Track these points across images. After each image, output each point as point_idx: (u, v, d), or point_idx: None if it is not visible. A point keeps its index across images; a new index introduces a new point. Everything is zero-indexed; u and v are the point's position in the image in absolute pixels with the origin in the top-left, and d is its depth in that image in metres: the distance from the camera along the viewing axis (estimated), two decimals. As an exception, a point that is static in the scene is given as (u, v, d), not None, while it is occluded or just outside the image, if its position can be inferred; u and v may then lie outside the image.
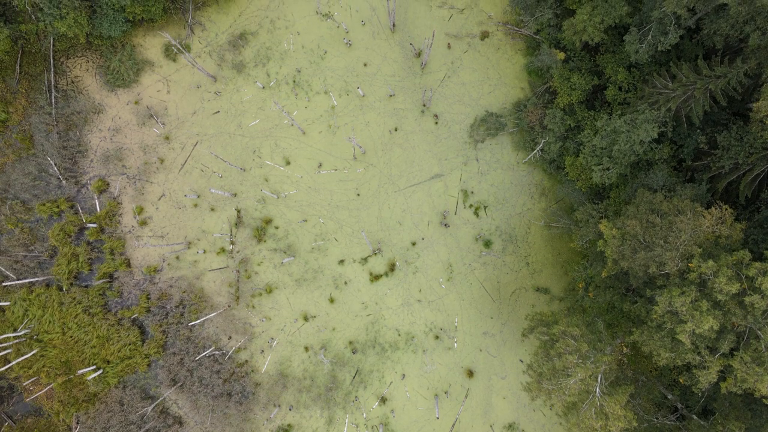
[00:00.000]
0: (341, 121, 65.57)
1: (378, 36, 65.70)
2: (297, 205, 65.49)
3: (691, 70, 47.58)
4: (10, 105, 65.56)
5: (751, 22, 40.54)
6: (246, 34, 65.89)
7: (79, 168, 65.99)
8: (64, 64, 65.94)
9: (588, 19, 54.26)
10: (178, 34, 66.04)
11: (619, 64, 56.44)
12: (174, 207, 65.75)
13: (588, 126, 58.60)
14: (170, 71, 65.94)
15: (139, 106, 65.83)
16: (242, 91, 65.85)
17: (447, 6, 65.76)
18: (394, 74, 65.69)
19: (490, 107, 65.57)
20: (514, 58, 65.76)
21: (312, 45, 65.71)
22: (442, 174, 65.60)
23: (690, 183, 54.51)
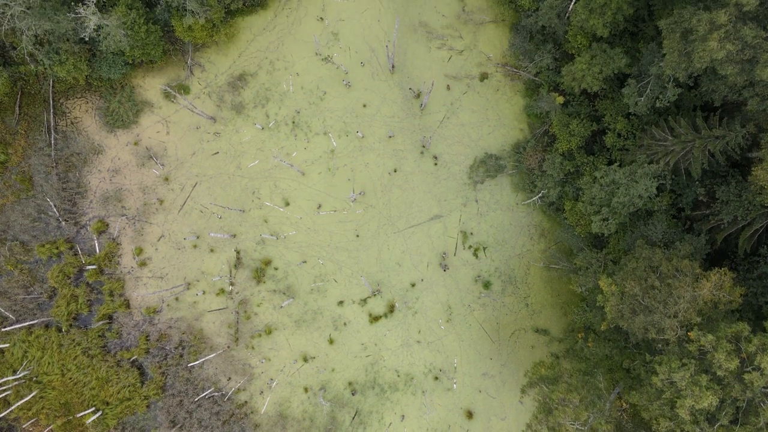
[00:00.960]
0: (340, 162, 65.61)
1: (377, 77, 65.74)
2: (296, 246, 65.50)
3: (689, 126, 47.63)
4: (9, 146, 65.57)
5: (749, 88, 40.56)
6: (245, 75, 65.92)
7: (79, 209, 65.98)
8: (64, 104, 65.95)
9: (587, 68, 54.38)
10: (178, 75, 66.08)
11: (618, 112, 56.51)
12: (173, 248, 65.75)
13: (587, 172, 58.65)
14: (169, 112, 65.95)
15: (139, 147, 65.85)
16: (241, 132, 65.87)
17: (446, 47, 65.80)
18: (394, 115, 65.73)
19: (489, 148, 65.62)
20: (514, 99, 65.81)
21: (311, 86, 65.74)
22: (441, 215, 65.64)
23: (689, 233, 54.61)
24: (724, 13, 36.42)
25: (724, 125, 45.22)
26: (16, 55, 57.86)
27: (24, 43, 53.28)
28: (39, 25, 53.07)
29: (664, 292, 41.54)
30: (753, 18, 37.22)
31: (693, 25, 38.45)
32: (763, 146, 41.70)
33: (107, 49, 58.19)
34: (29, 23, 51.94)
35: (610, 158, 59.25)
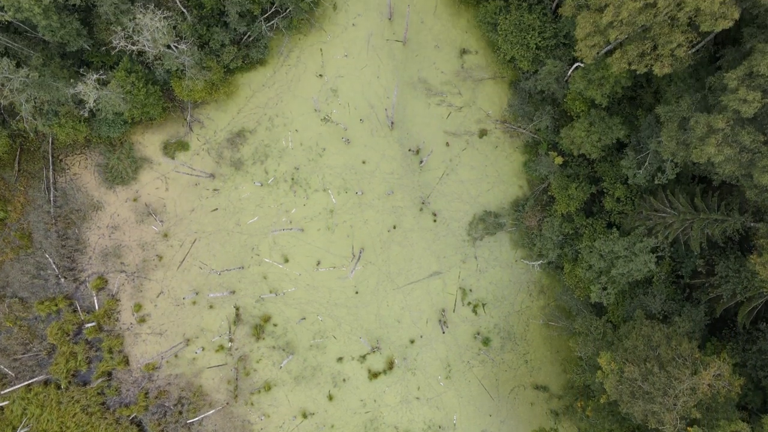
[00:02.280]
0: (340, 219, 65.60)
1: (377, 133, 65.75)
2: (296, 303, 65.48)
3: (688, 203, 47.63)
4: (8, 203, 65.58)
5: (747, 178, 40.52)
6: (244, 132, 65.93)
7: (78, 265, 65.98)
8: (63, 161, 65.97)
9: (585, 135, 54.44)
10: (177, 132, 66.09)
11: (616, 178, 56.50)
12: (172, 304, 65.73)
13: (586, 234, 58.59)
14: (168, 168, 65.93)
15: (138, 204, 65.85)
16: (240, 189, 65.87)
17: (445, 104, 65.81)
18: (393, 171, 65.72)
19: (488, 205, 65.61)
20: (513, 156, 65.81)
21: (310, 142, 65.75)
22: (440, 272, 65.63)
23: (688, 301, 54.60)
24: (722, 119, 36.42)
25: (723, 209, 45.24)
26: (15, 123, 57.85)
27: (24, 112, 53.26)
28: (38, 96, 53.09)
29: (664, 379, 41.54)
30: (751, 121, 37.23)
31: (691, 125, 38.48)
32: (762, 236, 41.69)
33: (106, 112, 58.17)
34: (29, 95, 51.94)
35: (609, 221, 59.22)
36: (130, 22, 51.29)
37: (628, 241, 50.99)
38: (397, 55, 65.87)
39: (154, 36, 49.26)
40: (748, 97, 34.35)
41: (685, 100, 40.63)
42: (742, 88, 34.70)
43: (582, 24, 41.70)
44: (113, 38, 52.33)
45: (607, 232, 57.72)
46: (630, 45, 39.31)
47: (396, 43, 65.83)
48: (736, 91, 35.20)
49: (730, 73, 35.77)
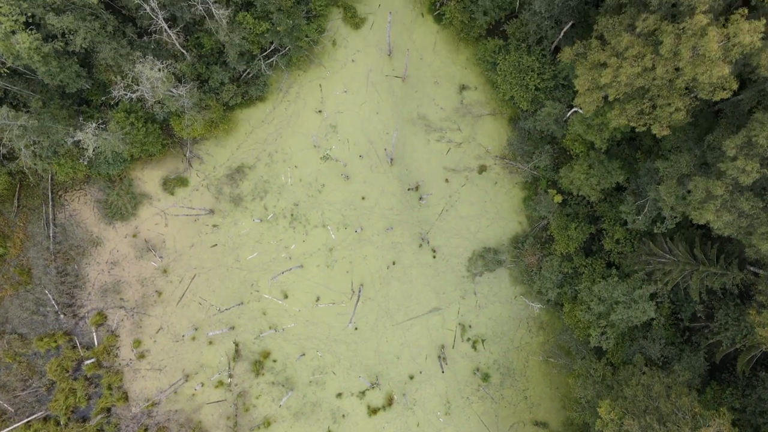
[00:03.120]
0: (339, 255, 65.57)
1: (376, 169, 65.73)
2: (295, 339, 65.45)
3: (687, 252, 47.57)
4: (8, 239, 65.58)
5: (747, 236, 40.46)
6: (244, 168, 65.92)
7: (77, 301, 65.97)
8: (63, 197, 65.97)
9: (584, 179, 54.40)
10: (176, 167, 66.08)
11: (616, 220, 56.46)
12: (172, 340, 65.70)
13: (586, 274, 58.55)
14: (168, 204, 65.94)
15: (137, 239, 65.84)
16: (240, 225, 65.85)
17: (445, 140, 65.80)
18: (393, 207, 65.71)
19: (488, 241, 65.58)
20: (512, 192, 65.78)
21: (310, 178, 65.73)
22: (440, 308, 65.60)
23: (687, 344, 54.53)
24: (721, 185, 36.38)
25: (722, 262, 45.19)
26: (14, 166, 57.87)
27: (23, 156, 53.29)
28: (38, 142, 53.13)
29: (663, 435, 41.50)
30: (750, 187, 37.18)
31: (690, 188, 38.47)
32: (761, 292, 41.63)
33: (105, 154, 58.20)
34: (28, 140, 51.96)
35: (609, 260, 59.18)
36: (129, 71, 51.29)
37: (627, 286, 50.95)
38: (397, 91, 65.87)
39: (153, 86, 49.24)
40: (747, 167, 34.32)
41: (684, 157, 40.62)
42: (740, 157, 34.69)
43: (581, 80, 41.68)
44: (112, 88, 52.31)
45: (606, 272, 57.74)
46: (629, 104, 39.30)
47: (395, 79, 65.83)
48: (735, 159, 35.18)
49: (728, 141, 35.73)
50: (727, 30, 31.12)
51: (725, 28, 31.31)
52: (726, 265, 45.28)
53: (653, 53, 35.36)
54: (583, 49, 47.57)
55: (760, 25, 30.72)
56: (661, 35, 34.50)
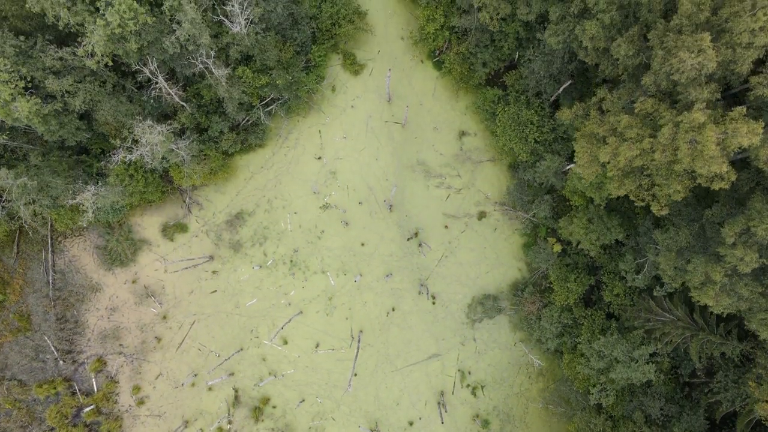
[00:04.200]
0: (339, 301, 65.56)
1: (375, 215, 65.72)
2: (295, 385, 65.42)
3: (687, 316, 47.53)
4: (7, 285, 65.57)
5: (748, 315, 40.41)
6: (243, 214, 65.93)
7: (77, 347, 65.95)
8: (62, 243, 65.97)
9: (584, 234, 54.35)
10: (176, 213, 66.09)
11: (615, 275, 56.40)
12: (171, 386, 65.67)
13: (585, 325, 58.48)
14: (167, 250, 65.95)
15: (137, 285, 65.86)
16: (239, 271, 65.85)
17: (444, 186, 65.80)
18: (392, 254, 65.69)
19: (487, 287, 65.56)
20: (512, 238, 65.76)
21: (309, 225, 65.74)
22: (439, 354, 65.56)
23: (687, 399, 54.47)
24: (720, 271, 36.41)
25: (722, 330, 45.15)
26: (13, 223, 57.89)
27: (22, 213, 53.32)
28: (38, 201, 53.17)
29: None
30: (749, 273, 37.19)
31: (689, 270, 38.47)
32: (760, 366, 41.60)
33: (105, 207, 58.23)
34: (27, 199, 51.99)
35: (609, 311, 59.14)
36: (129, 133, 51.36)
37: (627, 345, 50.91)
38: (396, 136, 65.90)
39: (153, 148, 49.29)
40: (746, 257, 34.33)
41: (683, 231, 40.60)
42: (739, 245, 34.70)
43: (581, 154, 41.70)
44: (111, 153, 52.33)
45: (606, 323, 57.73)
46: (627, 178, 39.31)
47: (395, 125, 65.87)
48: (734, 246, 35.20)
49: (727, 227, 35.74)
50: (725, 126, 31.13)
51: (723, 125, 31.33)
52: (725, 333, 45.27)
53: (652, 135, 35.38)
54: (582, 111, 47.61)
55: (759, 127, 30.72)
56: (660, 119, 34.50)
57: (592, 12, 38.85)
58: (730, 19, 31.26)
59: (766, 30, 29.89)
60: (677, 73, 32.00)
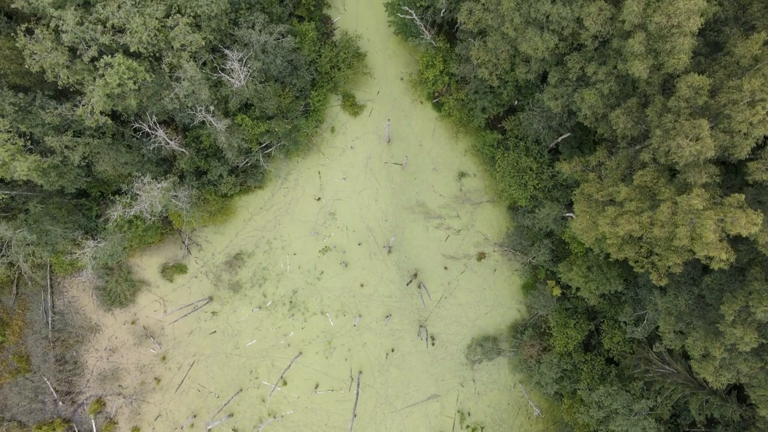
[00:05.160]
0: (338, 342, 65.54)
1: (375, 256, 65.70)
2: (294, 426, 65.35)
3: (687, 372, 47.48)
4: (7, 326, 65.53)
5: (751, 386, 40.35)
6: (242, 255, 65.90)
7: (76, 388, 65.91)
8: (61, 283, 65.94)
9: (583, 283, 54.32)
10: (175, 254, 66.06)
11: (615, 322, 56.36)
12: (171, 427, 65.61)
13: (585, 371, 58.40)
14: (167, 291, 65.93)
15: (136, 326, 65.84)
16: (239, 312, 65.83)
17: (444, 227, 65.78)
18: (391, 295, 65.68)
19: (486, 328, 65.54)
20: (511, 279, 65.73)
21: (308, 266, 65.71)
22: (438, 395, 65.53)
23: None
24: (719, 347, 36.39)
25: (722, 392, 45.13)
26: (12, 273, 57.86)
27: (21, 265, 53.29)
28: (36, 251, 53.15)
29: None
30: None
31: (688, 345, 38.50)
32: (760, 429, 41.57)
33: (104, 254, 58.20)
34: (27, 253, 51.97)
35: (609, 356, 59.10)
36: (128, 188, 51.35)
37: (627, 398, 50.85)
38: (396, 178, 65.90)
39: (152, 203, 49.28)
40: (746, 337, 34.36)
41: (683, 296, 40.58)
42: (738, 325, 34.71)
43: (580, 219, 41.69)
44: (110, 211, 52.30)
45: (606, 369, 57.66)
46: (627, 246, 39.31)
47: (394, 166, 65.87)
48: (733, 325, 35.21)
49: (726, 305, 35.74)
50: (724, 212, 31.12)
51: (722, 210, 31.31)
52: (726, 394, 45.28)
53: (651, 208, 35.39)
54: (581, 167, 47.62)
55: (758, 218, 30.71)
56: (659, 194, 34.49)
57: (590, 80, 38.86)
58: (728, 106, 31.25)
59: (764, 123, 29.90)
60: (675, 155, 32.00)
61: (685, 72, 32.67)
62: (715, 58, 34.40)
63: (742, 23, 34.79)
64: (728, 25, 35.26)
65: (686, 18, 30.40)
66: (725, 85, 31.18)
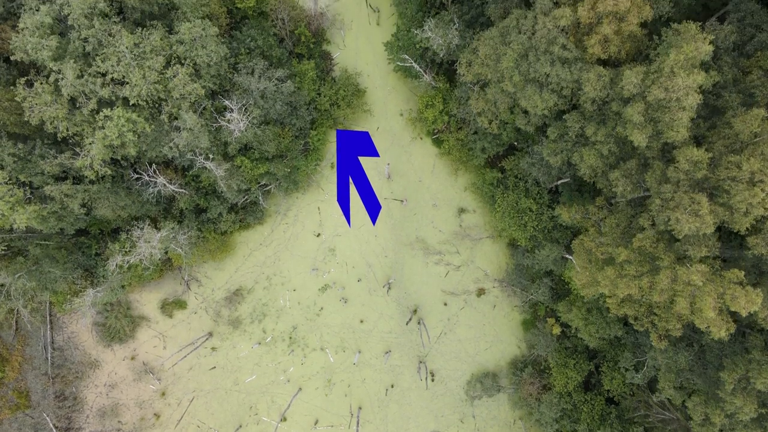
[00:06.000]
0: (337, 378, 65.50)
1: (374, 292, 65.69)
2: (293, 462, 65.35)
3: (687, 419, 47.43)
4: (6, 362, 65.49)
5: None
6: (242, 291, 65.89)
7: (75, 424, 65.87)
8: (61, 319, 65.91)
9: (583, 325, 54.30)
10: (175, 290, 66.05)
11: (615, 363, 56.31)
12: (170, 463, 65.59)
13: (585, 411, 58.34)
14: (166, 327, 65.91)
15: (135, 362, 65.81)
16: (238, 347, 65.80)
17: (443, 263, 65.75)
18: (391, 330, 65.65)
19: (486, 364, 65.50)
20: (511, 315, 65.69)
21: (308, 302, 65.70)
22: (438, 431, 65.44)
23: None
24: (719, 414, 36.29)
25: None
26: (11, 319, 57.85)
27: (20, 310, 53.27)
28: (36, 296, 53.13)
29: None
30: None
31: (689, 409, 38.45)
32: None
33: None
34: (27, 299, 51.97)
35: (608, 396, 59.02)
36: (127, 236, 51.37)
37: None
38: (395, 213, 65.88)
39: (151, 251, 49.27)
40: (745, 407, 34.35)
41: (683, 354, 40.55)
42: (738, 395, 34.70)
43: (580, 275, 41.69)
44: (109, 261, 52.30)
45: (606, 409, 57.57)
46: (626, 305, 39.32)
47: (394, 202, 65.85)
48: (733, 394, 35.20)
49: (725, 373, 35.70)
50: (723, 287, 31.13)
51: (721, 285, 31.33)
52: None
53: (651, 272, 35.39)
54: (580, 215, 47.60)
55: (757, 298, 30.71)
56: (658, 260, 34.50)
57: (590, 140, 38.85)
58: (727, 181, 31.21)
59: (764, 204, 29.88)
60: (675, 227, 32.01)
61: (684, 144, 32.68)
62: (715, 126, 34.43)
63: (741, 89, 34.82)
64: (728, 90, 35.30)
65: (685, 94, 30.44)
66: (724, 160, 31.20)
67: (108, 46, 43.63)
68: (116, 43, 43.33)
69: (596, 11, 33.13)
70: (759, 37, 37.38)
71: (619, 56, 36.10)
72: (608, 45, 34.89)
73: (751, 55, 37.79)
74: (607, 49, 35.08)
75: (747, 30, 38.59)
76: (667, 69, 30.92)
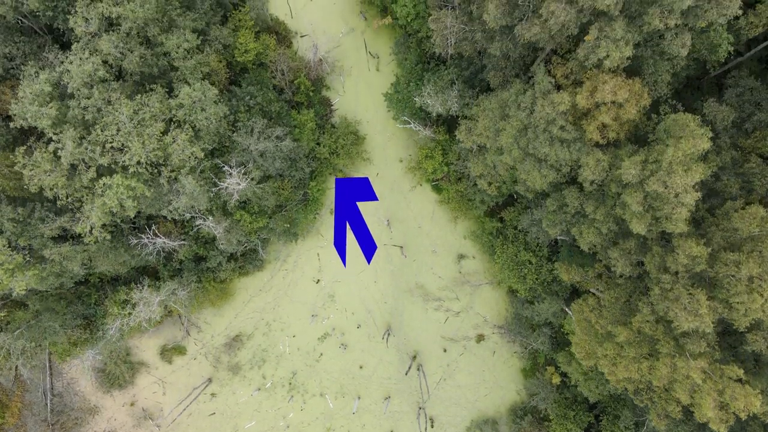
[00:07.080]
0: (337, 423, 65.48)
1: (373, 338, 65.70)
2: (293, 508, 65.31)
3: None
4: (6, 408, 65.43)
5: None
6: (241, 336, 65.89)
7: (75, 470, 65.83)
8: (60, 365, 65.87)
9: (583, 380, 54.30)
10: (174, 336, 66.04)
11: (615, 418, 56.28)
12: None
13: (584, 462, 58.42)
14: (166, 372, 65.89)
15: (135, 408, 65.79)
16: (238, 393, 65.79)
17: (443, 309, 65.77)
18: (390, 377, 65.65)
19: (486, 410, 65.48)
20: (510, 361, 65.68)
21: (308, 348, 65.70)
22: (438, 477, 65.45)
23: None
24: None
25: None
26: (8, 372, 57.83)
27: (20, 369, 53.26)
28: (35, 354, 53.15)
29: None
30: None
31: None
32: None
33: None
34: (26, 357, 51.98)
35: (608, 447, 58.96)
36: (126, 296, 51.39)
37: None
38: (395, 260, 65.88)
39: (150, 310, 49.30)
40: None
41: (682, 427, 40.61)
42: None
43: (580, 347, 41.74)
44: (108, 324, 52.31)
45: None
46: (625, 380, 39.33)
47: (393, 248, 65.86)
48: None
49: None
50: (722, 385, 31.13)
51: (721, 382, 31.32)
52: None
53: (650, 355, 35.42)
54: (579, 276, 47.61)
55: (756, 401, 30.71)
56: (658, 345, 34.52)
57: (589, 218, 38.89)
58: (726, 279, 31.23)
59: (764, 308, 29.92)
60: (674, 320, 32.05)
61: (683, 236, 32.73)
62: (713, 211, 34.49)
63: (740, 173, 34.85)
64: (726, 172, 35.33)
65: (683, 191, 30.51)
66: (723, 256, 31.26)
67: (107, 114, 43.65)
68: (115, 112, 43.35)
69: (595, 99, 33.18)
70: (758, 116, 37.39)
71: (618, 138, 36.15)
72: (606, 131, 34.96)
73: (750, 133, 37.82)
74: (606, 135, 35.15)
75: (746, 107, 38.62)
76: (665, 163, 30.99)
